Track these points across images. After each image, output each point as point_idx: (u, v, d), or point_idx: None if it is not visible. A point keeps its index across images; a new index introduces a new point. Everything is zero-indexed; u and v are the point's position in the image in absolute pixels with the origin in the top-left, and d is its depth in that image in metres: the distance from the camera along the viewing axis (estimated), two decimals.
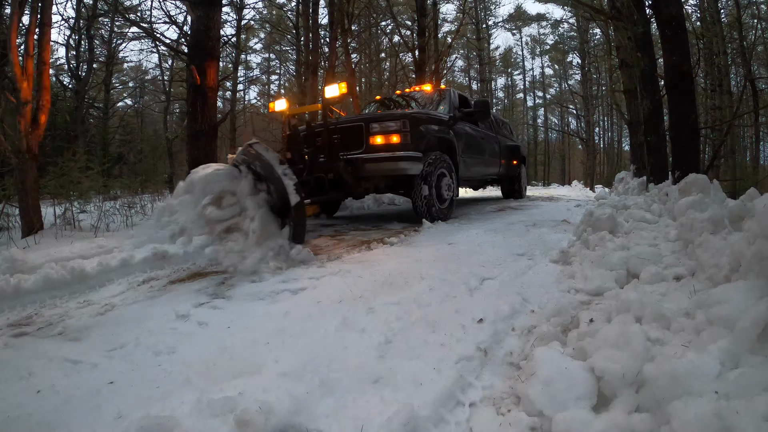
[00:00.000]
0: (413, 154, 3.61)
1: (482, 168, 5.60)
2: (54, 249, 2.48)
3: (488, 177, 6.41)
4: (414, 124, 3.69)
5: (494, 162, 6.10)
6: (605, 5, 8.40)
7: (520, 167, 7.32)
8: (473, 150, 5.06)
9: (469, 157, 4.88)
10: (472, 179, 5.78)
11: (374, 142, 3.64)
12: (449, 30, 19.83)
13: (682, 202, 2.14)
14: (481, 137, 5.46)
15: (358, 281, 1.91)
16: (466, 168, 4.81)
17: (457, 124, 4.59)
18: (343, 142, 3.65)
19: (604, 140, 26.70)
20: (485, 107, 4.84)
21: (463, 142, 4.66)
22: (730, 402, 0.71)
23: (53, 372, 1.15)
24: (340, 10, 8.48)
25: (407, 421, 0.87)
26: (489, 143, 5.84)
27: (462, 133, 4.69)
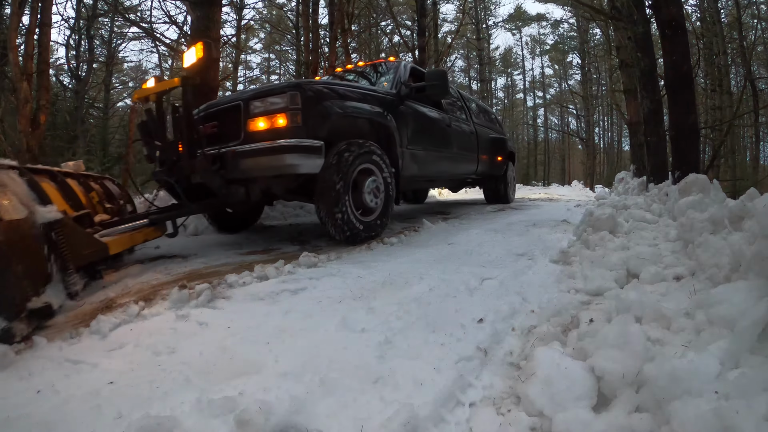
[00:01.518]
0: (307, 143, 2.49)
1: (448, 165, 4.37)
2: None
3: (460, 177, 5.11)
4: (310, 99, 2.55)
5: (468, 157, 4.88)
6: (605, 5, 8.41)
7: (506, 165, 6.06)
8: (431, 140, 3.91)
9: (422, 150, 3.69)
10: (432, 180, 4.55)
11: (255, 128, 2.55)
12: (449, 30, 19.86)
13: (682, 202, 2.14)
14: (446, 124, 4.28)
15: (358, 281, 1.91)
16: (418, 164, 3.63)
17: (403, 105, 3.45)
18: (222, 131, 2.71)
19: (604, 140, 26.73)
20: (441, 79, 3.57)
21: (412, 129, 3.51)
22: (730, 402, 0.71)
23: (53, 372, 1.15)
24: (340, 10, 8.49)
25: (407, 421, 0.87)
26: (460, 133, 4.66)
27: (410, 117, 3.52)
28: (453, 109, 4.89)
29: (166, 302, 1.69)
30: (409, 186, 4.06)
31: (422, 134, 3.73)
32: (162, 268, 2.32)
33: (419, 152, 3.64)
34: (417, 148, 3.59)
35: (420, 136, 3.67)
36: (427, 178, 4.27)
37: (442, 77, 3.60)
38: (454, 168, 4.58)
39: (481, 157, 5.28)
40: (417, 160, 3.61)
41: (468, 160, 4.91)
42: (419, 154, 3.64)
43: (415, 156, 3.57)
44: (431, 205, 6.74)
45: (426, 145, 3.79)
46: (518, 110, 29.43)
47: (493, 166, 5.74)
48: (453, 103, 5.00)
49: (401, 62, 4.03)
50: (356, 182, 2.79)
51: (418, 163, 3.62)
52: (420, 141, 3.66)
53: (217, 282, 1.92)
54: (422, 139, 3.72)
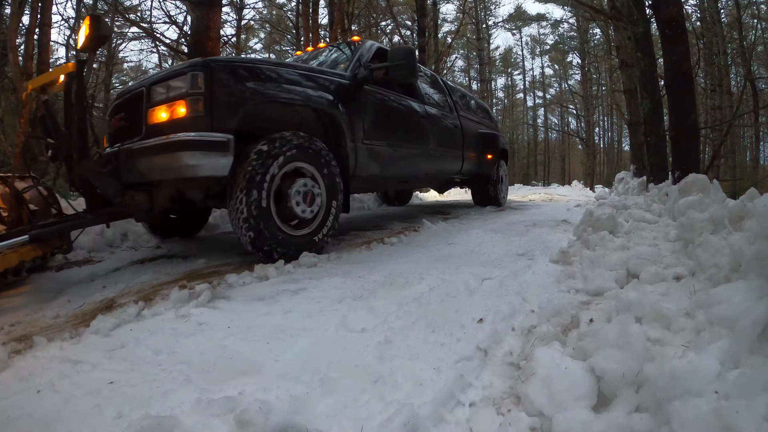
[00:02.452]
0: (207, 138, 1.99)
1: (424, 163, 3.77)
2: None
3: (441, 177, 4.53)
4: (218, 81, 2.04)
5: (451, 155, 4.35)
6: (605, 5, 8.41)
7: (497, 164, 5.46)
8: (399, 134, 3.30)
9: (387, 145, 3.11)
10: (405, 181, 3.89)
11: (155, 120, 2.08)
12: (449, 30, 19.86)
13: (682, 202, 2.15)
14: (421, 116, 3.71)
15: (358, 281, 1.91)
16: (381, 162, 3.05)
17: (361, 91, 2.90)
18: (129, 125, 2.28)
19: (604, 140, 26.74)
20: (406, 58, 2.91)
21: (373, 120, 2.95)
22: (730, 402, 0.71)
23: (53, 372, 1.15)
24: (340, 10, 8.49)
25: (407, 421, 0.87)
26: (441, 127, 4.10)
27: (371, 106, 2.96)
28: (433, 98, 4.29)
29: (166, 302, 1.69)
30: (370, 189, 3.65)
31: (387, 126, 3.14)
32: (162, 268, 2.32)
33: (382, 148, 3.06)
34: (379, 144, 3.02)
35: (384, 129, 3.09)
36: (396, 179, 3.63)
37: (407, 56, 2.93)
38: (433, 167, 4.02)
39: (468, 154, 4.74)
40: (379, 157, 3.03)
41: (450, 158, 4.37)
42: (382, 151, 3.07)
43: (375, 153, 2.99)
44: (431, 205, 6.72)
45: (392, 140, 3.21)
46: (518, 110, 29.42)
47: (482, 165, 5.18)
48: (432, 92, 4.42)
49: (366, 42, 3.39)
50: (282, 186, 2.27)
51: (380, 161, 3.05)
52: (384, 135, 3.08)
53: (218, 282, 1.92)
54: (387, 133, 3.12)
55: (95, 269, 2.48)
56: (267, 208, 2.18)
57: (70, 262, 2.64)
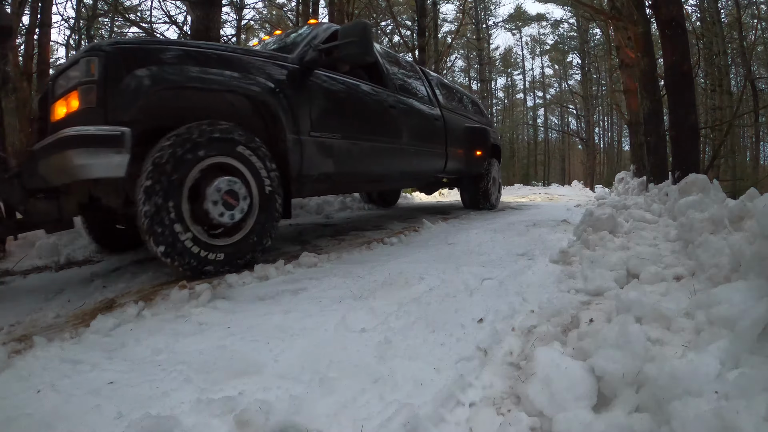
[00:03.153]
0: (96, 132, 1.71)
1: (395, 160, 3.35)
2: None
3: (420, 176, 4.08)
4: (115, 67, 1.75)
5: (431, 151, 3.93)
6: (605, 5, 8.42)
7: (488, 162, 4.99)
8: (356, 126, 2.87)
9: (340, 139, 2.69)
10: (372, 180, 3.45)
11: (56, 116, 1.86)
12: (449, 30, 19.87)
13: (682, 202, 2.15)
14: (390, 106, 3.25)
15: (358, 281, 1.91)
16: (336, 159, 2.67)
17: (310, 76, 2.53)
18: (42, 124, 2.08)
19: (604, 140, 26.75)
20: (360, 35, 2.50)
21: (323, 109, 2.58)
22: (730, 402, 0.71)
23: (53, 372, 1.15)
24: (340, 10, 8.49)
25: (407, 421, 0.87)
26: (417, 119, 3.67)
27: (321, 92, 2.59)
28: (408, 87, 3.84)
29: (166, 302, 1.69)
30: (328, 190, 3.08)
31: (343, 117, 2.76)
32: (162, 268, 2.32)
33: (337, 142, 2.65)
34: (332, 136, 2.61)
35: (339, 120, 2.70)
36: (361, 178, 3.18)
37: (360, 31, 2.50)
38: (409, 164, 3.55)
39: (453, 151, 4.33)
40: (333, 152, 2.64)
41: (431, 155, 3.95)
42: (337, 145, 2.66)
43: (328, 147, 2.59)
44: (429, 207, 6.73)
45: (351, 133, 2.79)
46: (518, 110, 29.44)
47: (471, 163, 4.73)
48: (408, 81, 3.96)
49: (323, 23, 3.05)
50: (199, 187, 1.93)
51: (335, 157, 2.65)
52: (339, 126, 2.68)
53: (218, 282, 1.92)
54: (343, 124, 2.73)
55: (95, 269, 2.48)
56: (176, 213, 1.81)
57: (70, 262, 2.64)
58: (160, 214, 1.78)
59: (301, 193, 2.66)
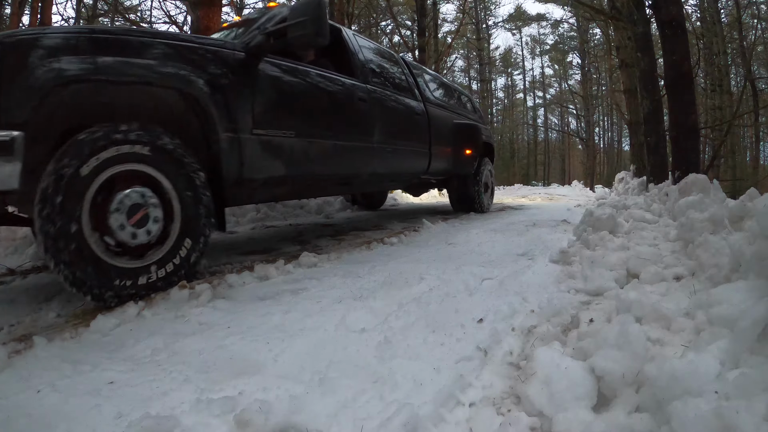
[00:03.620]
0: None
1: (365, 160, 3.01)
2: None
3: (399, 178, 3.76)
4: (6, 58, 1.51)
5: (410, 149, 3.58)
6: (605, 5, 8.41)
7: (479, 161, 4.67)
8: (313, 121, 2.51)
9: (293, 137, 2.34)
10: (344, 183, 3.09)
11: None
12: (449, 30, 19.87)
13: (682, 202, 2.15)
14: (359, 98, 2.90)
15: (358, 281, 1.91)
16: (283, 160, 2.30)
17: (257, 64, 2.18)
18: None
19: (604, 140, 26.76)
20: (312, 13, 2.13)
21: (268, 101, 2.21)
22: (730, 402, 0.71)
23: (53, 372, 1.15)
24: (340, 10, 8.49)
25: (407, 421, 0.87)
26: (390, 113, 3.29)
27: (267, 82, 2.23)
28: (384, 78, 3.46)
29: (166, 302, 1.69)
30: (281, 195, 2.73)
31: (297, 111, 2.39)
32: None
33: (288, 140, 2.30)
34: (282, 134, 2.27)
35: (291, 114, 2.35)
36: (324, 181, 2.84)
37: (311, 9, 2.14)
38: (381, 165, 3.16)
39: (438, 149, 4.01)
40: (284, 152, 2.29)
41: (411, 154, 3.59)
42: (288, 144, 2.31)
43: (277, 146, 2.25)
44: (432, 206, 6.72)
45: (306, 129, 2.43)
46: (518, 110, 29.44)
47: (459, 163, 4.39)
48: (385, 71, 3.58)
49: (285, 6, 2.66)
50: (103, 199, 1.63)
51: (286, 157, 2.31)
52: (291, 122, 2.33)
53: (218, 282, 1.92)
54: (296, 120, 2.38)
55: None
56: (77, 232, 1.55)
57: None
58: (57, 234, 1.51)
59: (244, 200, 2.40)
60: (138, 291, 1.67)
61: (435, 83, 4.62)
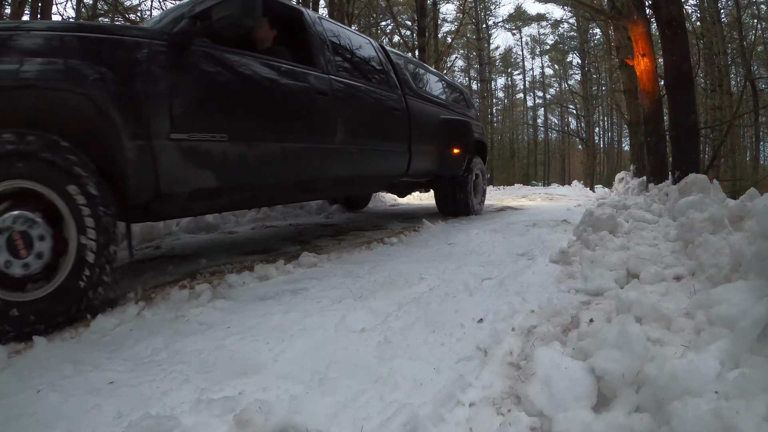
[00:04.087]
0: None
1: (326, 163, 2.64)
2: None
3: (373, 181, 3.40)
4: None
5: (384, 149, 3.21)
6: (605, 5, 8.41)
7: (469, 160, 4.31)
8: (250, 121, 2.14)
9: (226, 140, 1.99)
10: (297, 190, 2.70)
11: None
12: (449, 30, 19.88)
13: (682, 202, 2.15)
14: (317, 92, 2.51)
15: (358, 281, 1.91)
16: (212, 168, 1.97)
17: (182, 54, 1.86)
18: None
19: (604, 140, 26.77)
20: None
21: (190, 100, 1.87)
22: (730, 402, 0.71)
23: (53, 372, 1.15)
24: (340, 10, 8.49)
25: (407, 421, 0.87)
26: (358, 108, 2.91)
27: (194, 75, 1.91)
28: (351, 66, 3.08)
29: (166, 302, 1.69)
30: (210, 208, 2.29)
31: (231, 110, 2.04)
32: (162, 268, 2.32)
33: (219, 145, 1.96)
34: (212, 138, 1.92)
35: (224, 114, 2.00)
36: (267, 191, 2.44)
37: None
38: (346, 168, 2.80)
39: (421, 147, 3.63)
40: (214, 160, 1.95)
41: (386, 154, 3.22)
42: (220, 150, 1.97)
43: (204, 153, 1.90)
44: (430, 206, 6.72)
45: (244, 131, 2.09)
46: (518, 110, 29.44)
47: (446, 163, 4.02)
48: (353, 58, 3.19)
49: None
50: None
51: (218, 165, 1.97)
52: (223, 123, 1.98)
53: (218, 282, 1.92)
54: (231, 120, 2.03)
55: None
56: None
57: None
58: None
59: (170, 215, 2.14)
60: (17, 329, 1.33)
61: (421, 74, 4.20)
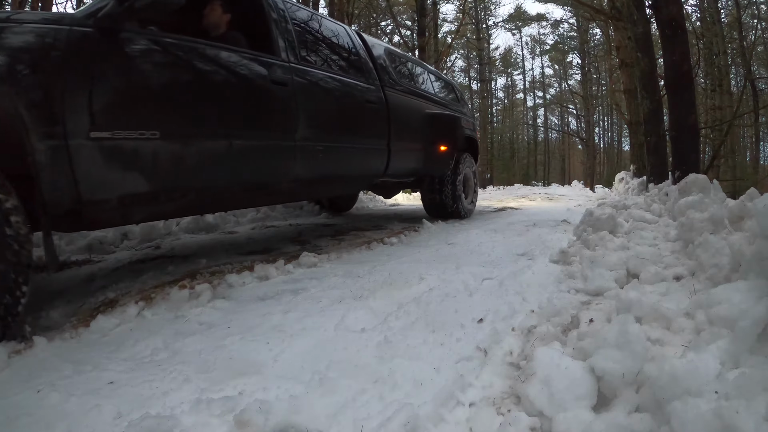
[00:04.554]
0: None
1: (284, 162, 2.36)
2: None
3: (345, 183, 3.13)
4: None
5: (356, 148, 2.90)
6: (605, 5, 8.41)
7: (458, 159, 4.01)
8: (188, 116, 1.89)
9: (153, 138, 1.70)
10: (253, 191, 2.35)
11: None
12: (449, 30, 19.88)
13: (682, 202, 2.15)
14: (273, 81, 2.23)
15: (358, 281, 1.91)
16: (142, 171, 1.71)
17: (108, 42, 1.62)
18: None
19: (604, 140, 26.78)
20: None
21: (115, 93, 1.62)
22: (730, 402, 0.71)
23: (53, 372, 1.15)
24: (340, 10, 8.49)
25: (407, 421, 0.87)
26: (324, 101, 2.62)
27: (121, 67, 1.66)
28: (318, 54, 2.82)
29: (166, 302, 1.69)
30: (147, 215, 1.94)
31: (165, 103, 1.79)
32: (162, 268, 2.32)
33: (150, 144, 1.69)
34: (140, 135, 1.66)
35: (156, 108, 1.75)
36: (212, 195, 2.11)
37: None
38: (308, 168, 2.50)
39: (402, 145, 3.32)
40: (144, 161, 1.70)
41: (359, 152, 2.93)
42: (151, 149, 1.71)
43: (132, 153, 1.66)
44: None
45: (179, 127, 1.83)
46: (518, 110, 29.44)
47: (431, 161, 3.70)
48: (322, 45, 2.92)
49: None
50: None
51: (149, 167, 1.72)
52: (155, 118, 1.73)
53: (218, 282, 1.92)
54: (165, 115, 1.78)
55: (95, 269, 2.48)
56: None
57: (70, 262, 2.64)
58: None
59: (103, 224, 1.85)
60: None
61: (405, 66, 3.93)
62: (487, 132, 22.51)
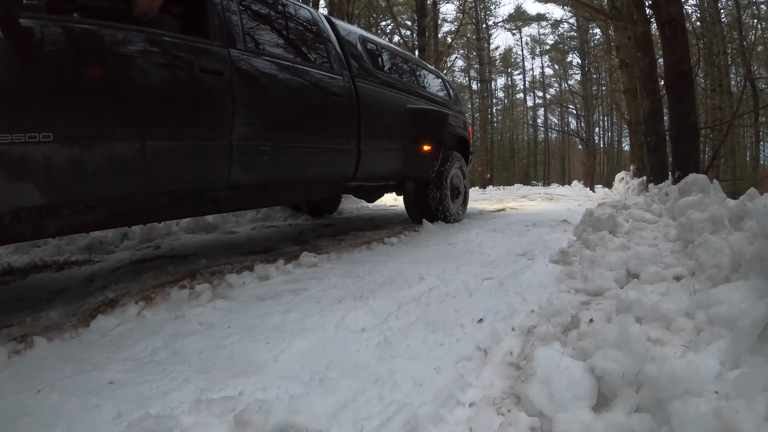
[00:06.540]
0: None
1: (218, 165, 2.00)
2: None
3: (281, 192, 2.54)
4: None
5: (315, 148, 2.52)
6: (605, 5, 8.41)
7: (445, 158, 3.66)
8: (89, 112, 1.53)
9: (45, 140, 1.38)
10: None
11: None
12: (449, 30, 19.87)
13: (682, 202, 2.15)
14: (204, 69, 1.88)
15: (358, 281, 1.91)
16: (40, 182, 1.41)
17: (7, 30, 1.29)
18: None
19: (604, 140, 26.76)
20: None
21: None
22: (730, 402, 0.71)
23: (53, 372, 1.15)
24: (340, 10, 8.49)
25: (407, 421, 0.87)
26: (271, 92, 2.23)
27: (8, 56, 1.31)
28: (268, 39, 2.42)
29: (166, 302, 1.69)
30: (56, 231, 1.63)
31: (55, 101, 1.46)
32: (162, 268, 2.32)
33: (36, 148, 1.39)
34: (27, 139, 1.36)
35: (45, 107, 1.43)
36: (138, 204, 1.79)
37: None
38: (250, 172, 2.16)
39: (377, 144, 2.98)
40: (31, 169, 1.40)
41: (319, 153, 2.56)
42: (39, 154, 1.40)
43: (15, 161, 1.36)
44: None
45: (74, 127, 1.51)
46: (518, 110, 29.42)
47: (413, 162, 3.32)
48: (269, 28, 2.50)
49: None
50: None
51: (37, 176, 1.42)
52: (44, 119, 1.42)
53: (218, 282, 1.92)
54: (55, 114, 1.46)
55: (95, 269, 2.48)
56: None
57: (70, 262, 2.64)
58: None
59: (6, 240, 1.61)
60: None
61: (384, 55, 3.53)
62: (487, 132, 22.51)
